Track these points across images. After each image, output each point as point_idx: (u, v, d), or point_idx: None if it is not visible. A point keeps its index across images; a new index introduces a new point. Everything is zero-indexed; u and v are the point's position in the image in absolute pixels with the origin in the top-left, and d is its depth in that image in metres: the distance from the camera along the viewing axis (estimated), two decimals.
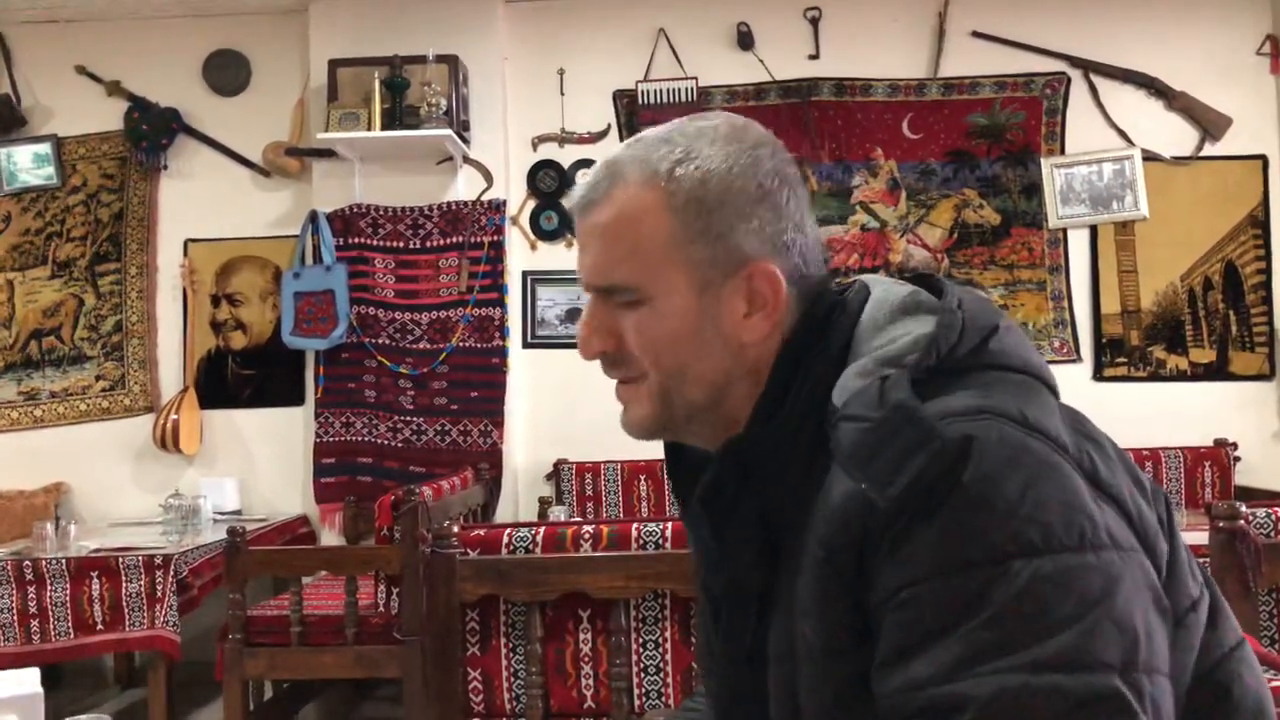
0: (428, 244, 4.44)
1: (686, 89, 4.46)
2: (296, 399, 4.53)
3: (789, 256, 0.93)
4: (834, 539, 0.80)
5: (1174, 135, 4.46)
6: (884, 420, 0.80)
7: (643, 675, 2.07)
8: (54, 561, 3.41)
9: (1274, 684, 0.94)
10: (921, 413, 0.79)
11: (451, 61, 4.29)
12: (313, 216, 4.41)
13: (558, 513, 3.94)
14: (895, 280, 0.96)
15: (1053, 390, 0.88)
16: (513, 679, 2.09)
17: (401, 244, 4.45)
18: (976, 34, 4.49)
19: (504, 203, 4.47)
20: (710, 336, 0.92)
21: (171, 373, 4.61)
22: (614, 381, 0.99)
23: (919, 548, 0.76)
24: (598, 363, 0.99)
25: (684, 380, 0.93)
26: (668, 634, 2.07)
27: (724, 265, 0.92)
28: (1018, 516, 0.75)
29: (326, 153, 4.39)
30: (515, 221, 4.56)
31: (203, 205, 4.62)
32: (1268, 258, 4.44)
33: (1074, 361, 4.42)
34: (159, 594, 3.37)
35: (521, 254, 4.56)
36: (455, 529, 2.09)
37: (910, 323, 0.89)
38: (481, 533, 2.11)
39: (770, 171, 0.93)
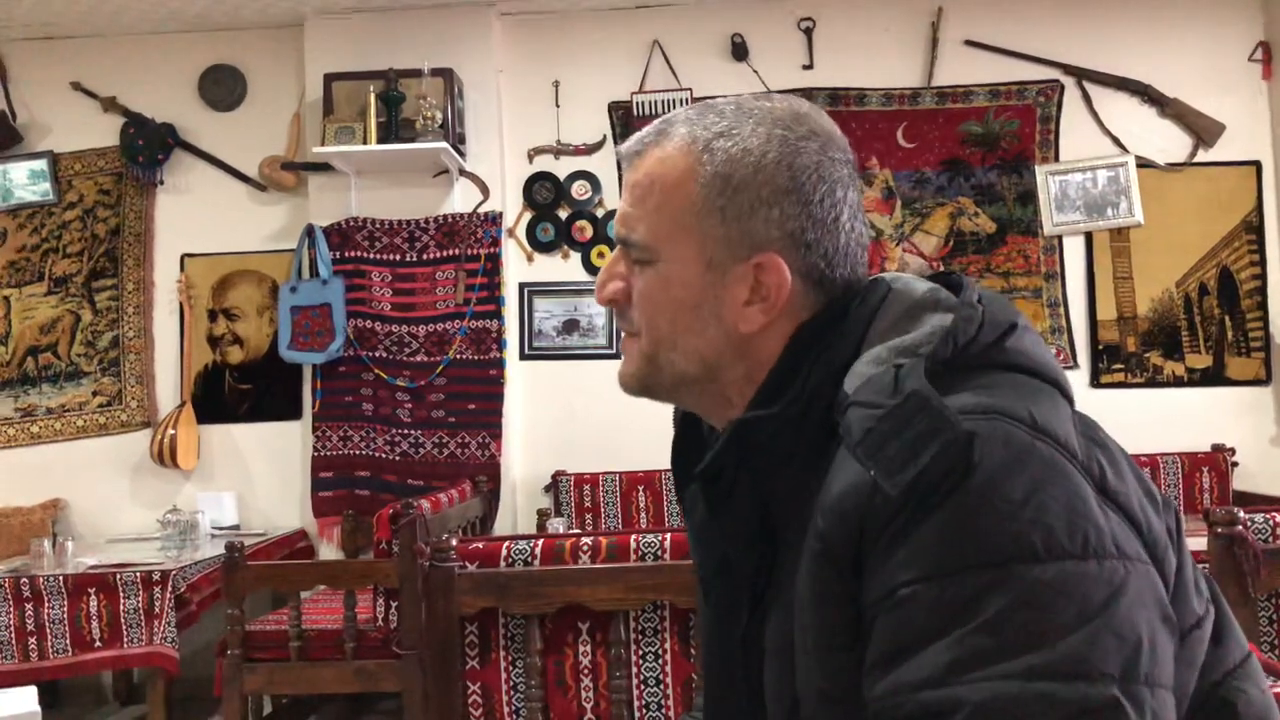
0: (424, 257, 4.45)
1: (681, 100, 4.47)
2: (294, 413, 4.52)
3: (806, 255, 0.91)
4: (832, 532, 0.79)
5: (1168, 142, 4.48)
6: (898, 408, 0.78)
7: (643, 687, 2.07)
8: (51, 578, 3.40)
9: (1277, 690, 0.93)
10: (936, 402, 0.77)
11: (447, 75, 4.30)
12: (309, 230, 4.42)
13: (556, 525, 3.93)
14: (915, 277, 0.94)
15: (1066, 395, 0.86)
16: (512, 692, 2.08)
17: (398, 257, 4.45)
18: (970, 43, 4.50)
19: (500, 215, 4.47)
20: (707, 314, 0.92)
21: (168, 388, 4.61)
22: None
23: (917, 546, 0.74)
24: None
25: (673, 349, 0.94)
26: (667, 646, 2.07)
27: (735, 248, 0.91)
28: (1020, 520, 0.73)
29: (322, 166, 4.40)
30: (511, 234, 4.56)
31: (199, 220, 4.62)
32: (1262, 263, 4.45)
33: (1070, 368, 4.41)
34: (157, 610, 3.37)
35: (518, 266, 4.57)
36: (453, 542, 2.08)
37: (930, 318, 0.87)
38: (480, 545, 2.11)
39: (808, 166, 0.92)
